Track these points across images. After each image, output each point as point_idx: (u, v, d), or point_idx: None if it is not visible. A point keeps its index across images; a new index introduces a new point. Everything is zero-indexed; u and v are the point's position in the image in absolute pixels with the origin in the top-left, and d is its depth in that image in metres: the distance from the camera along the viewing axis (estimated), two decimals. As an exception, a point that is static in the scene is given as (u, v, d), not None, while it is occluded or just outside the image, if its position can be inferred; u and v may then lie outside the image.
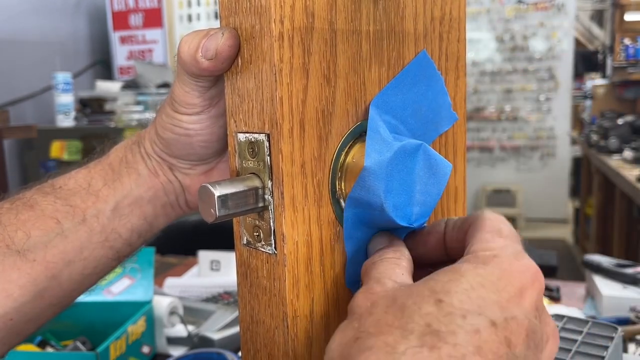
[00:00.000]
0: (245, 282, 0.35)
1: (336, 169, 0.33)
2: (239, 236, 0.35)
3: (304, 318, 0.33)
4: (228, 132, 0.35)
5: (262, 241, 0.33)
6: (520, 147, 5.40)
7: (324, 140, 0.33)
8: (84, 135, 2.74)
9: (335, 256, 0.34)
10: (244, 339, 0.36)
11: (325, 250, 0.33)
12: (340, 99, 0.33)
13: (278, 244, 0.32)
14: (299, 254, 0.32)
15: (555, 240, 4.67)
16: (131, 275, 0.85)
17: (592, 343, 0.59)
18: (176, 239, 2.10)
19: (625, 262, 1.00)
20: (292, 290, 0.32)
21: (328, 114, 0.32)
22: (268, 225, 0.32)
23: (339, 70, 0.33)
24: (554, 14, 5.19)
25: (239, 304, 0.36)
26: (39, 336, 0.83)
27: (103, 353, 0.69)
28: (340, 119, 0.33)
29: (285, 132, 0.31)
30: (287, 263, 0.31)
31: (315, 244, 0.33)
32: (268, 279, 0.33)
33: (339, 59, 0.33)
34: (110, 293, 0.84)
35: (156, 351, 0.85)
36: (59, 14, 3.19)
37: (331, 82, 0.32)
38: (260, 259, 0.33)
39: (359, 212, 0.34)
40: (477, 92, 5.46)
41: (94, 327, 0.83)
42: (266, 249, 0.33)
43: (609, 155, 3.06)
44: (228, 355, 0.75)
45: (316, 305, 0.33)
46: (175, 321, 0.89)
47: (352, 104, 0.34)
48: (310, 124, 0.32)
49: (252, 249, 0.34)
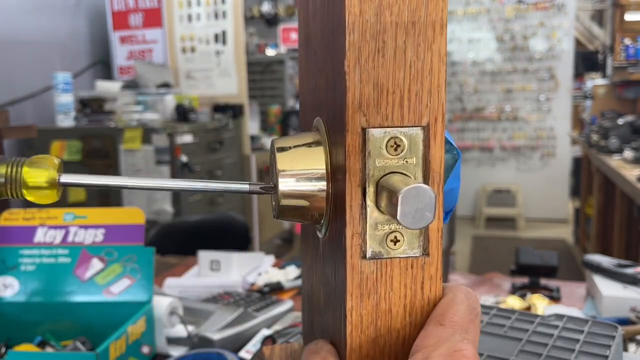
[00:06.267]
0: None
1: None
2: (361, 251, 0.30)
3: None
4: (349, 128, 0.29)
5: (403, 246, 0.30)
6: (520, 147, 5.41)
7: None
8: (84, 135, 2.74)
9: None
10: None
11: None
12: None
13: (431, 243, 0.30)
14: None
15: (555, 240, 4.66)
16: (131, 275, 0.85)
17: (594, 342, 0.59)
18: (176, 239, 2.10)
19: (625, 262, 1.00)
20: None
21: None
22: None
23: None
24: (554, 13, 5.19)
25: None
26: (39, 336, 0.83)
27: (103, 353, 0.69)
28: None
29: (441, 124, 0.29)
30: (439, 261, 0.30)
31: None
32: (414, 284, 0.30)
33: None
34: (110, 293, 0.84)
35: (156, 351, 0.85)
36: (59, 14, 3.19)
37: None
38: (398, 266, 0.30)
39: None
40: (477, 92, 5.46)
41: (93, 327, 0.83)
42: (411, 253, 0.30)
43: (609, 155, 3.05)
44: (228, 355, 0.75)
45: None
46: (175, 321, 0.88)
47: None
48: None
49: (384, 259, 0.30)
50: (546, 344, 0.59)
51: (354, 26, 0.28)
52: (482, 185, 5.41)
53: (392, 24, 0.28)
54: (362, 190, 0.29)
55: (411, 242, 0.30)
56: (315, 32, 0.35)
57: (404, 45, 0.28)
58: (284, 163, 0.31)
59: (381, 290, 0.29)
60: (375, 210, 0.29)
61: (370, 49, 0.28)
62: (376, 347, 0.30)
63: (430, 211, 0.26)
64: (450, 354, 0.26)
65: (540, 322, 0.64)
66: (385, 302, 0.30)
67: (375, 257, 0.29)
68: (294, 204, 0.31)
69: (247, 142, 3.41)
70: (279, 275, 1.18)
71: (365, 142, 0.28)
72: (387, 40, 0.28)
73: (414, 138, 0.29)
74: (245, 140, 3.40)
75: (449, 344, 0.27)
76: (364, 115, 0.28)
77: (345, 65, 0.28)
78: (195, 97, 3.18)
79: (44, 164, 0.31)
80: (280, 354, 0.40)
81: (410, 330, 0.30)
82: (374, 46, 0.28)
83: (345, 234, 0.29)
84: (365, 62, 0.28)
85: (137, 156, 2.64)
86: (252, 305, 0.94)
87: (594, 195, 3.50)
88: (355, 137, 0.28)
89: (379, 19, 0.28)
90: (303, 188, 0.31)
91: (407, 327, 0.30)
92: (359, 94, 0.28)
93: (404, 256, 0.29)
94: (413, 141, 0.29)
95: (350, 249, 0.29)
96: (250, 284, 1.16)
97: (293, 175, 0.31)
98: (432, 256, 0.30)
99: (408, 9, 0.28)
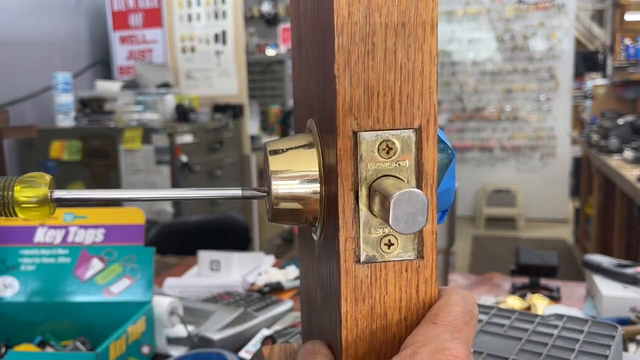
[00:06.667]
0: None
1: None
2: (355, 255, 0.29)
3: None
4: (340, 131, 0.28)
5: (397, 249, 0.30)
6: (521, 147, 5.41)
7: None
8: (84, 135, 2.74)
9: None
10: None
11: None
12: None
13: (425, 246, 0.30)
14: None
15: (555, 240, 4.66)
16: (131, 275, 0.85)
17: (594, 342, 0.59)
18: (176, 239, 2.11)
19: (625, 262, 1.00)
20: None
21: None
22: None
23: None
24: (554, 13, 5.19)
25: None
26: (39, 336, 0.83)
27: (103, 353, 0.69)
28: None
29: (433, 126, 0.29)
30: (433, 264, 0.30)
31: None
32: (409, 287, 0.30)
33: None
34: (110, 293, 0.84)
35: (156, 351, 0.85)
36: (59, 14, 3.19)
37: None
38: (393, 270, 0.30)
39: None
40: (477, 92, 5.46)
41: (93, 327, 0.83)
42: (405, 256, 0.30)
43: (609, 155, 3.05)
44: (228, 355, 0.75)
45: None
46: (175, 321, 0.88)
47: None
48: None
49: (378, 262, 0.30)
50: (546, 343, 0.59)
51: (342, 29, 0.27)
52: (482, 185, 5.41)
53: (381, 25, 0.28)
54: (355, 194, 0.29)
55: (405, 246, 0.29)
56: (306, 34, 0.34)
57: (394, 46, 0.28)
58: (277, 166, 0.31)
59: (376, 294, 0.29)
60: (368, 214, 0.29)
61: (359, 51, 0.28)
62: (372, 351, 0.30)
63: (422, 216, 0.25)
64: (438, 351, 0.26)
65: (540, 322, 0.64)
66: (380, 306, 0.29)
67: (369, 261, 0.29)
68: (288, 207, 0.31)
69: (247, 142, 3.41)
70: (279, 275, 1.18)
71: (357, 146, 0.28)
72: (376, 42, 0.28)
73: (406, 140, 0.29)
74: (245, 140, 3.40)
75: (437, 342, 0.27)
76: (355, 118, 0.28)
77: (334, 69, 0.28)
78: (195, 97, 3.18)
79: (36, 182, 0.31)
80: (279, 354, 0.40)
81: (406, 333, 0.30)
82: (364, 48, 0.28)
83: (339, 238, 0.29)
84: (355, 64, 0.28)
85: (137, 156, 2.64)
86: (252, 305, 0.94)
87: (594, 195, 3.50)
88: (347, 140, 0.28)
89: (368, 20, 0.27)
90: (297, 191, 0.31)
91: (403, 330, 0.30)
92: (349, 97, 0.28)
93: (398, 259, 0.29)
94: (405, 144, 0.29)
95: (344, 254, 0.29)
96: (250, 284, 1.16)
97: (286, 179, 0.31)
98: (426, 259, 0.30)
99: (397, 10, 0.28)
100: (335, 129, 0.28)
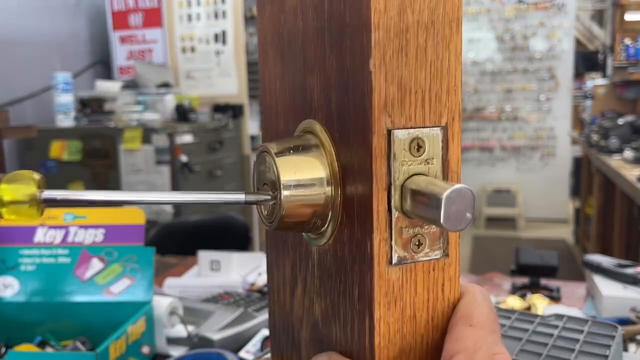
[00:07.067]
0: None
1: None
2: (387, 257, 0.29)
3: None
4: (375, 130, 0.28)
5: (425, 249, 0.29)
6: (521, 147, 5.41)
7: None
8: (83, 135, 2.74)
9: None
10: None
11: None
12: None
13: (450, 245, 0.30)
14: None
15: (555, 240, 4.66)
16: (131, 275, 0.85)
17: (594, 342, 0.59)
18: (176, 239, 2.11)
19: (626, 262, 1.00)
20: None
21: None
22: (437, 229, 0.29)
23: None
24: (554, 13, 5.19)
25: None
26: (39, 336, 0.83)
27: (103, 353, 0.69)
28: None
29: (458, 123, 0.29)
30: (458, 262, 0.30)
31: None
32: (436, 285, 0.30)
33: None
34: (110, 293, 0.84)
35: (156, 351, 0.85)
36: (59, 14, 3.19)
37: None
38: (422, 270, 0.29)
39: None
40: (477, 92, 5.46)
41: (93, 327, 0.83)
42: (432, 255, 0.29)
43: (610, 155, 3.05)
44: (228, 355, 0.75)
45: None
46: (175, 321, 0.88)
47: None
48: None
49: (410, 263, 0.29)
50: (546, 343, 0.59)
51: (379, 24, 0.27)
52: (482, 185, 5.41)
53: (413, 22, 0.27)
54: (388, 194, 0.28)
55: (432, 245, 0.29)
56: (297, 30, 0.33)
57: (424, 43, 0.28)
58: (286, 170, 0.30)
59: (406, 296, 0.29)
60: (399, 214, 0.28)
61: (394, 47, 0.27)
62: (402, 355, 0.29)
63: (470, 212, 0.25)
64: (490, 357, 0.26)
65: (540, 322, 0.64)
66: (410, 308, 0.29)
67: (400, 262, 0.29)
68: (297, 213, 0.30)
69: (247, 142, 3.41)
70: (279, 275, 1.18)
71: (391, 144, 0.28)
72: (409, 38, 0.27)
73: (434, 138, 0.28)
74: (245, 140, 3.40)
75: (487, 346, 0.27)
76: (389, 116, 0.27)
77: (370, 65, 0.27)
78: (195, 97, 3.18)
79: (23, 179, 0.28)
80: None
81: (433, 334, 0.29)
82: (398, 44, 0.27)
83: (373, 240, 0.28)
84: (389, 61, 0.27)
85: (137, 156, 2.64)
86: (252, 305, 0.94)
87: (594, 195, 3.50)
88: (381, 139, 0.27)
89: (402, 17, 0.27)
90: (308, 197, 0.30)
91: (430, 331, 0.30)
92: (384, 95, 0.27)
93: (426, 259, 0.29)
94: (433, 141, 0.29)
95: (378, 256, 0.28)
96: (250, 284, 1.16)
97: (297, 185, 0.30)
98: (451, 257, 0.29)
99: (428, 7, 0.28)
100: (368, 127, 0.27)
